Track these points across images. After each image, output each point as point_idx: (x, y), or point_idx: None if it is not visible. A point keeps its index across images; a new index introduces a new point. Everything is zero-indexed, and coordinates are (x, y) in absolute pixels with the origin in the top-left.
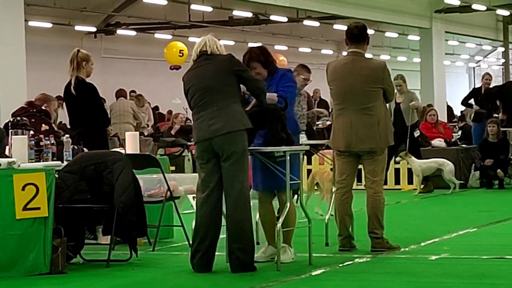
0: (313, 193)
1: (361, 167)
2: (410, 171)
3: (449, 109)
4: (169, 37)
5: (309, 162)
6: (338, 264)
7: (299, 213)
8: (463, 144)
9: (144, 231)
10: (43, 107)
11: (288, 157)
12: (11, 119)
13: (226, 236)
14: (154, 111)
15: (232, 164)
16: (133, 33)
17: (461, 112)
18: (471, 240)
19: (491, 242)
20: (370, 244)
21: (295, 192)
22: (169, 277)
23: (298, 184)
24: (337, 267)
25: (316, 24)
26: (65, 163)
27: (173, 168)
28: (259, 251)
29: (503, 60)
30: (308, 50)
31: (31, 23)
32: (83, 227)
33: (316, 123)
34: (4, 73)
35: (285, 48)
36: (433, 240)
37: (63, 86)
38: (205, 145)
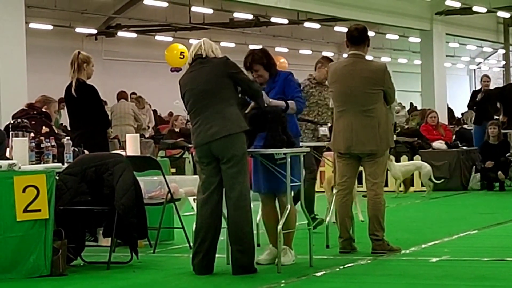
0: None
1: (361, 169)
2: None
3: (450, 111)
4: (170, 39)
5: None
6: (339, 266)
7: (300, 215)
8: (463, 146)
9: (144, 233)
10: (43, 109)
11: (288, 159)
12: (12, 121)
13: (226, 238)
14: (154, 114)
15: (231, 166)
16: (133, 35)
17: (461, 114)
18: (472, 242)
19: (492, 244)
20: (370, 246)
21: (297, 194)
22: (170, 279)
23: (299, 186)
24: (338, 269)
25: (317, 26)
26: (66, 165)
27: (173, 170)
28: (264, 253)
29: (503, 62)
30: (309, 52)
31: (31, 25)
32: (83, 229)
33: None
34: (5, 75)
35: (286, 50)
36: (433, 242)
37: (64, 88)
38: (204, 149)
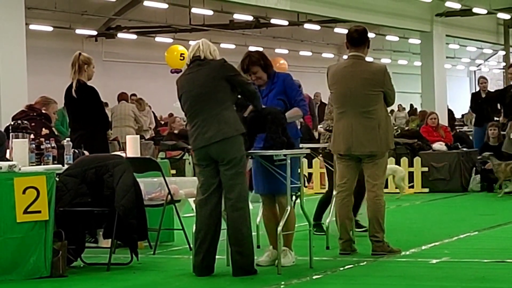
0: None
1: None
2: (410, 174)
3: (450, 112)
4: (170, 40)
5: (310, 166)
6: (339, 267)
7: (300, 217)
8: (463, 148)
9: (144, 235)
10: (43, 111)
11: (288, 161)
12: (12, 123)
13: (226, 239)
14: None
15: (230, 169)
16: (133, 36)
17: (462, 116)
18: (472, 244)
19: (492, 246)
20: (370, 248)
21: (296, 195)
22: (170, 280)
23: (299, 187)
24: (338, 270)
25: (317, 27)
26: (66, 166)
27: (173, 171)
28: (264, 254)
29: (504, 64)
30: (309, 53)
31: (32, 27)
32: (83, 230)
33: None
34: (5, 76)
35: (286, 51)
36: (433, 244)
37: (64, 90)
38: (202, 152)
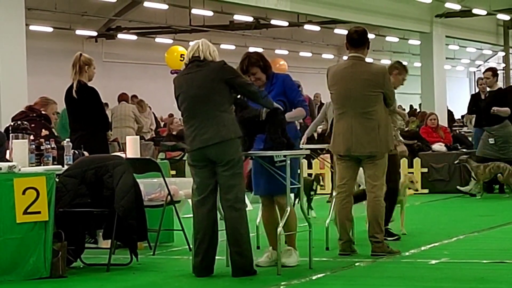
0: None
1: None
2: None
3: (450, 113)
4: (170, 41)
5: (310, 167)
6: (339, 268)
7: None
8: (463, 149)
9: (144, 235)
10: (42, 111)
11: (288, 161)
12: (12, 123)
13: (226, 240)
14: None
15: (228, 170)
16: (134, 37)
17: (461, 117)
18: (471, 245)
19: (491, 247)
20: (370, 248)
21: (296, 196)
22: (170, 281)
23: (298, 188)
24: (338, 271)
25: (317, 28)
26: (66, 167)
27: (173, 172)
28: (263, 255)
29: (503, 65)
30: (309, 54)
31: (32, 27)
32: (83, 231)
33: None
34: (5, 77)
35: (286, 52)
36: (433, 245)
37: (64, 90)
38: (199, 153)
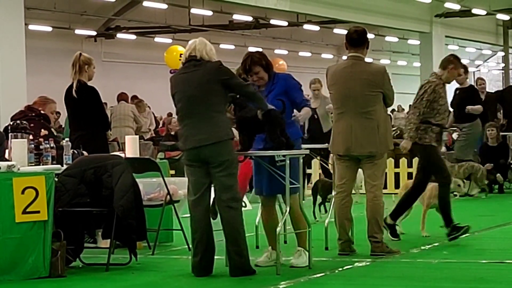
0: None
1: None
2: (409, 174)
3: (449, 113)
4: (169, 41)
5: (309, 166)
6: (338, 268)
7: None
8: None
9: (143, 235)
10: (41, 111)
11: (288, 161)
12: (11, 123)
13: (224, 240)
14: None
15: (222, 171)
16: (133, 37)
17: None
18: (471, 245)
19: (491, 247)
20: (369, 248)
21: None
22: (169, 280)
23: (298, 188)
24: (337, 271)
25: (316, 28)
26: (65, 166)
27: (172, 172)
28: (263, 255)
29: (503, 65)
30: (308, 54)
31: (31, 27)
32: (82, 230)
33: None
34: (4, 76)
35: (285, 52)
36: (432, 244)
37: (64, 90)
38: (193, 153)
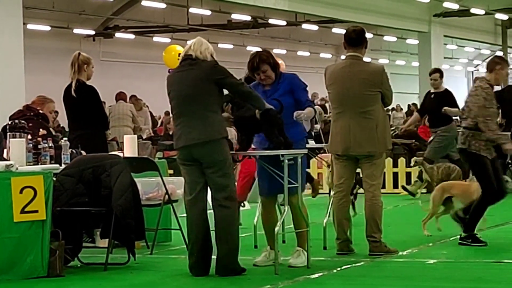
0: (442, 212)
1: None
2: (408, 174)
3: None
4: (168, 40)
5: (308, 166)
6: (336, 267)
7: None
8: None
9: (142, 234)
10: (39, 110)
11: (286, 161)
12: (9, 122)
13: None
14: (151, 116)
15: (215, 171)
16: (131, 36)
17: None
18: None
19: (490, 246)
20: (368, 248)
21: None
22: (167, 280)
23: (297, 188)
24: (335, 270)
25: (315, 27)
26: (63, 166)
27: (171, 171)
28: (261, 255)
29: None
30: (307, 53)
31: (29, 26)
32: (81, 230)
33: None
34: (3, 76)
35: (284, 51)
36: (431, 244)
37: (62, 89)
38: (185, 152)
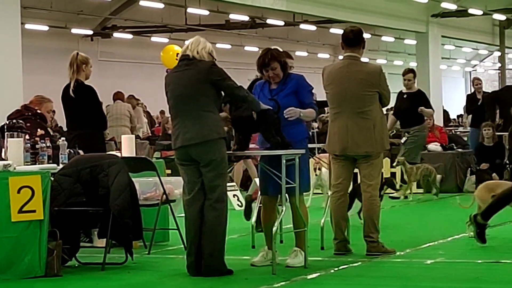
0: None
1: (357, 171)
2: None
3: (445, 113)
4: (166, 40)
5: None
6: (334, 268)
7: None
8: (459, 149)
9: (139, 234)
10: (37, 110)
11: (284, 161)
12: (7, 122)
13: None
14: (149, 115)
15: (210, 170)
16: (129, 36)
17: (457, 117)
18: (467, 245)
19: (487, 247)
20: (365, 248)
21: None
22: (165, 280)
23: (297, 188)
24: (333, 270)
25: (313, 28)
26: (61, 166)
27: (169, 171)
28: (259, 255)
29: (499, 65)
30: (305, 54)
31: (27, 26)
32: (78, 230)
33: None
34: (0, 75)
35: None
36: (428, 244)
37: (60, 89)
38: (182, 152)
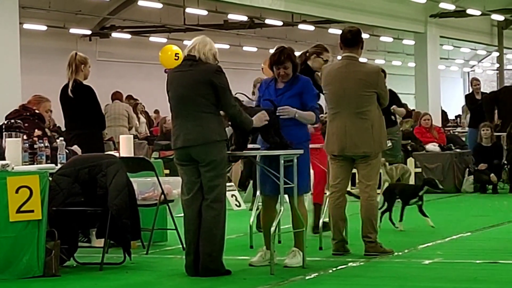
0: None
1: (355, 171)
2: None
3: (444, 113)
4: (164, 40)
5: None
6: (332, 268)
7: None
8: (457, 149)
9: (138, 234)
10: (35, 110)
11: (282, 161)
12: (5, 122)
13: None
14: (147, 116)
15: (209, 171)
16: (128, 36)
17: (455, 117)
18: (465, 245)
19: (485, 247)
20: (363, 248)
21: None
22: (163, 280)
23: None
24: (331, 271)
25: (311, 28)
26: (59, 166)
27: (167, 171)
28: (257, 255)
29: (497, 65)
30: None
31: (26, 26)
32: (76, 230)
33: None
34: None
35: None
36: (426, 245)
37: (59, 89)
38: (182, 152)
